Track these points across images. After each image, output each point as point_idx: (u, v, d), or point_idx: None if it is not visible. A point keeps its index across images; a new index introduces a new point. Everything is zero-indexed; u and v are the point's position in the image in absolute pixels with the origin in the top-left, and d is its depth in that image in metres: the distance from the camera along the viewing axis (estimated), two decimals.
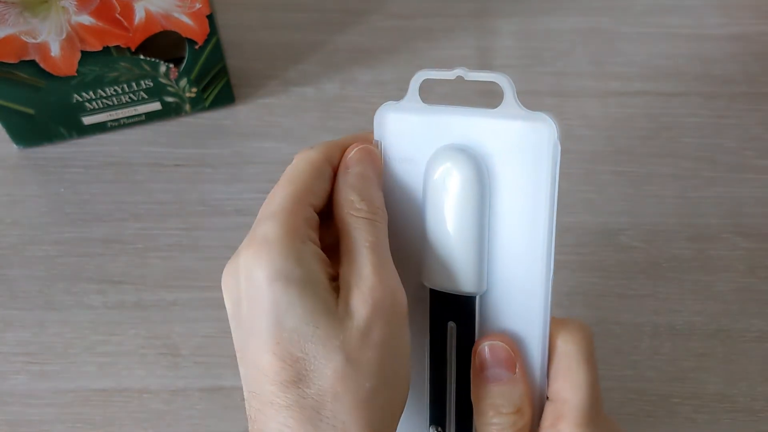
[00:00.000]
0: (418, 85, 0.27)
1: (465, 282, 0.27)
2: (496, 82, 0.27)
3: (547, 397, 0.27)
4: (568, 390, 0.26)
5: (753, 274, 0.45)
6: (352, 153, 0.28)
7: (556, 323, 0.27)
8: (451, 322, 0.28)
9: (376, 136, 0.28)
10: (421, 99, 0.28)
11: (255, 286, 0.25)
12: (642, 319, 0.43)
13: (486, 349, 0.27)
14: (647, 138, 0.51)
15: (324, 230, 0.28)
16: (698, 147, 0.50)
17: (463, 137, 0.27)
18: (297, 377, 0.24)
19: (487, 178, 0.26)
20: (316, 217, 0.27)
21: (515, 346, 0.27)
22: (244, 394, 0.26)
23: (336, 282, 0.26)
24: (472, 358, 0.27)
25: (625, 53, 0.55)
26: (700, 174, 0.49)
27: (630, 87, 0.53)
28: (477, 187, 0.26)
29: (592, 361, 0.26)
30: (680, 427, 0.40)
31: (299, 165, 0.27)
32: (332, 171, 0.28)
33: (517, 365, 0.26)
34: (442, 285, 0.27)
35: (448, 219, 0.26)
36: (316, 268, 0.25)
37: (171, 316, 0.43)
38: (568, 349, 0.26)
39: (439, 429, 0.29)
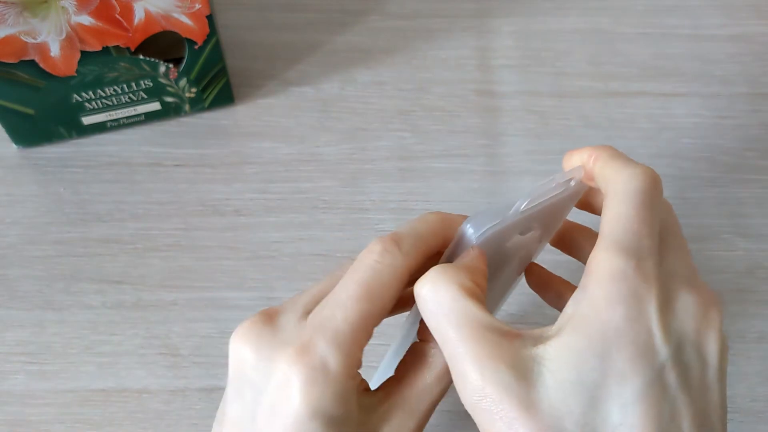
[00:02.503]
0: (522, 206, 0.26)
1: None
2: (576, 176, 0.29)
3: None
4: (603, 223, 0.25)
5: (752, 274, 0.45)
6: None
7: (619, 165, 0.26)
8: None
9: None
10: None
11: (291, 408, 0.23)
12: None
13: None
14: (647, 138, 0.51)
15: None
16: (698, 147, 0.50)
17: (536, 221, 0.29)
18: None
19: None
20: (372, 334, 0.25)
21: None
22: None
23: (368, 395, 0.25)
24: None
25: (625, 53, 0.55)
26: (700, 174, 0.49)
27: (630, 87, 0.53)
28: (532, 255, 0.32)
29: (640, 199, 0.24)
30: None
31: (385, 276, 0.25)
32: (411, 278, 0.26)
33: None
34: None
35: (501, 279, 0.30)
36: (356, 406, 0.24)
37: (170, 316, 0.43)
38: (614, 188, 0.25)
39: None
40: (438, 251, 0.27)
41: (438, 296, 0.24)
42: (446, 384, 0.26)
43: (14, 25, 0.41)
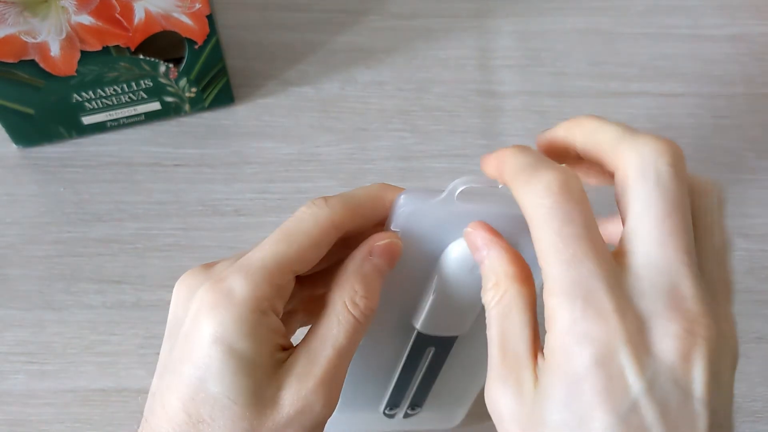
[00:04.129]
0: (456, 192, 0.26)
1: (458, 330, 0.31)
2: None
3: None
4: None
5: (752, 275, 0.45)
6: (383, 242, 0.27)
7: (518, 184, 0.23)
8: (431, 347, 0.31)
9: (394, 226, 0.27)
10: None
11: (198, 334, 0.24)
12: None
13: (468, 237, 0.26)
14: None
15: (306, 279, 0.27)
16: (697, 148, 0.50)
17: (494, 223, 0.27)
18: None
19: None
20: (293, 283, 0.26)
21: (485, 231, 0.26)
22: (144, 408, 0.26)
23: (284, 352, 0.25)
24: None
25: (624, 53, 0.55)
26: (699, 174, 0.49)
27: (629, 87, 0.53)
28: None
29: (554, 215, 0.22)
30: None
31: (304, 223, 0.26)
32: (338, 234, 0.26)
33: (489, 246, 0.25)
34: (436, 332, 0.30)
35: (460, 290, 0.28)
36: (264, 344, 0.24)
37: None
38: (526, 214, 0.23)
39: (394, 409, 0.35)
40: (382, 221, 0.28)
41: None
42: (349, 328, 0.26)
43: (14, 25, 0.41)
